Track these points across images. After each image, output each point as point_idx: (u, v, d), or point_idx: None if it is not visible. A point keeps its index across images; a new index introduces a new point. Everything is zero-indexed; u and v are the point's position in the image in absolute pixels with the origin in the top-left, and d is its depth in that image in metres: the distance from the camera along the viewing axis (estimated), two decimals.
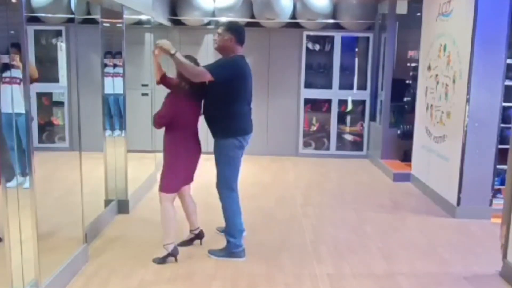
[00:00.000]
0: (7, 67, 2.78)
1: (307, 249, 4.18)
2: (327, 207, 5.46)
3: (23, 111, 2.80)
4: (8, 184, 2.77)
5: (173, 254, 3.78)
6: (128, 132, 5.04)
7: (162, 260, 3.77)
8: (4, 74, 2.78)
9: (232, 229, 3.93)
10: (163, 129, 3.77)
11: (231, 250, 3.91)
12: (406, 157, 7.05)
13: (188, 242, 4.14)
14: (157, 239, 4.30)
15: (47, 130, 6.99)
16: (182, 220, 4.10)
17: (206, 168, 4.20)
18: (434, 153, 5.79)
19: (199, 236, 4.17)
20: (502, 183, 4.99)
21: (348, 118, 8.41)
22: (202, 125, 3.83)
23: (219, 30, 3.86)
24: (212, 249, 4.00)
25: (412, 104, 6.83)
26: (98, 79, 4.79)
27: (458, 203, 5.09)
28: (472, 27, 4.84)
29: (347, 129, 8.43)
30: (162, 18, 6.79)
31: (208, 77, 3.65)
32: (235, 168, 3.92)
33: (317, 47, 8.10)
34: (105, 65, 4.79)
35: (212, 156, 3.86)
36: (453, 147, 5.25)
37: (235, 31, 3.86)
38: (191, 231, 4.16)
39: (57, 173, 4.08)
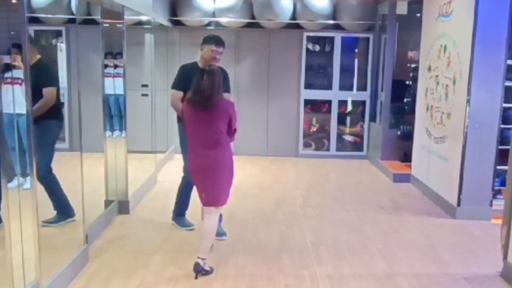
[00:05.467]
0: (9, 67, 2.78)
1: (307, 250, 4.19)
2: (327, 207, 5.46)
3: (24, 112, 2.80)
4: (9, 185, 2.77)
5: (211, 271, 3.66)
6: (128, 133, 5.04)
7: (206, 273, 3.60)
8: (6, 75, 2.79)
9: None
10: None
11: None
12: (406, 157, 7.05)
13: None
14: (157, 239, 4.32)
15: None
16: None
17: None
18: (434, 153, 5.79)
19: None
20: (503, 184, 5.00)
21: (348, 119, 8.41)
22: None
23: (221, 50, 4.19)
24: None
25: (412, 105, 6.83)
26: (98, 79, 4.79)
27: (458, 204, 5.09)
28: (472, 28, 4.85)
29: (347, 129, 8.42)
30: (162, 18, 6.79)
31: None
32: None
33: (317, 48, 8.10)
34: (106, 66, 4.80)
35: None
36: (453, 148, 5.25)
37: None
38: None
39: (57, 174, 4.08)
